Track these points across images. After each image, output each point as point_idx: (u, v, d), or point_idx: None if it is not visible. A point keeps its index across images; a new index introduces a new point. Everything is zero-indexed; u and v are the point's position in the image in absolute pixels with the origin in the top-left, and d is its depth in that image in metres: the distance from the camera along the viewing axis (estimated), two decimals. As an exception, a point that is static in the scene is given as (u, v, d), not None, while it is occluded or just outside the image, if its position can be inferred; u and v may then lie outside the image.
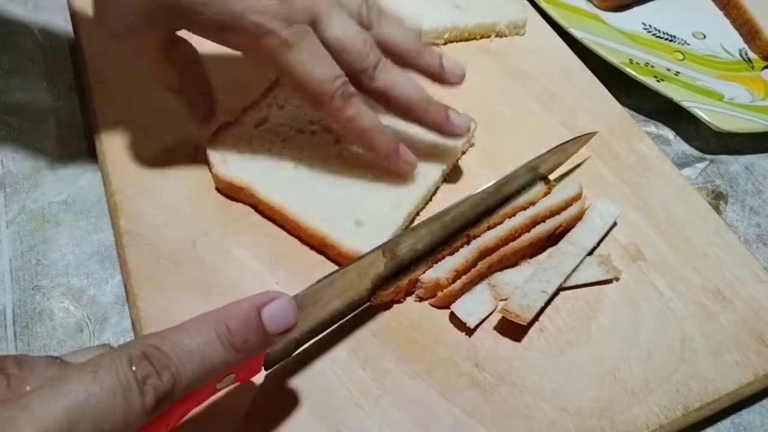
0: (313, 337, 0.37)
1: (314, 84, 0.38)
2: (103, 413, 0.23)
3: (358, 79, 0.39)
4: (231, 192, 0.43)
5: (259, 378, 0.35)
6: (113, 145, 0.45)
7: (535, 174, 0.45)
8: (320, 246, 0.41)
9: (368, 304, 0.39)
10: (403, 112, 0.42)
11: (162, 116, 0.45)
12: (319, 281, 0.33)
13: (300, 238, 0.41)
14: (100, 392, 0.23)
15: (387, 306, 0.39)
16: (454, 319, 0.38)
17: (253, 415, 0.34)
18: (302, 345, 0.36)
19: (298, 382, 0.36)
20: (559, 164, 0.47)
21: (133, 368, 0.24)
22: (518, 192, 0.44)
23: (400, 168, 0.42)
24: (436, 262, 0.40)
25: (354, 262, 0.35)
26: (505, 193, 0.43)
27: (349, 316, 0.38)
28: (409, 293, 0.40)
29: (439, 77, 0.43)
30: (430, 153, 0.45)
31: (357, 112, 0.39)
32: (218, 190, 0.43)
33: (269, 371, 0.35)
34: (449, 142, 0.45)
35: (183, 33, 0.39)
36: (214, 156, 0.43)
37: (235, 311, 0.28)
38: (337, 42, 0.38)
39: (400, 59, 0.41)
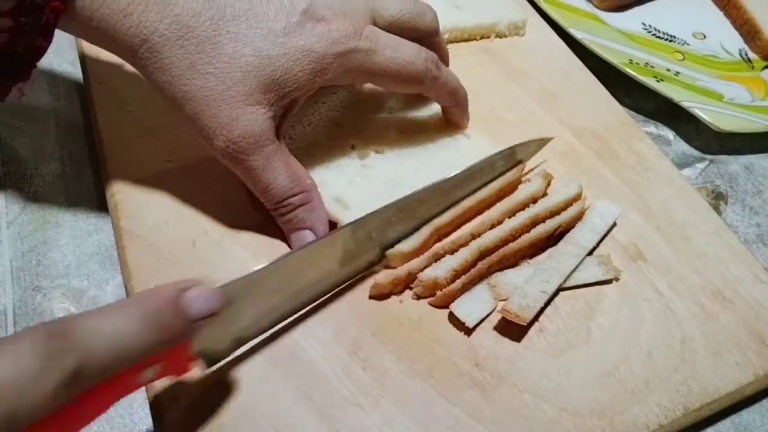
0: (257, 335, 0.36)
1: (407, 70, 0.40)
2: (10, 393, 0.23)
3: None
4: None
5: (258, 378, 0.35)
6: (113, 145, 0.45)
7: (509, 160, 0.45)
8: None
9: (366, 291, 0.39)
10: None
11: (162, 116, 0.45)
12: (249, 274, 0.33)
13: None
14: (5, 372, 0.23)
15: (384, 298, 0.39)
16: (453, 318, 0.39)
17: (253, 414, 0.34)
18: (244, 343, 0.35)
19: (298, 382, 0.36)
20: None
21: (40, 345, 0.24)
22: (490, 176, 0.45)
23: (464, 124, 0.47)
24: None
25: (294, 253, 0.35)
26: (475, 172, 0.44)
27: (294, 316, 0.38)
28: (407, 287, 0.40)
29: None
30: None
31: (446, 74, 0.43)
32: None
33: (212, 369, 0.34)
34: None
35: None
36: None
37: (157, 293, 0.28)
38: (398, 18, 0.41)
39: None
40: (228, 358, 0.35)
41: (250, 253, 0.40)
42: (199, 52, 0.35)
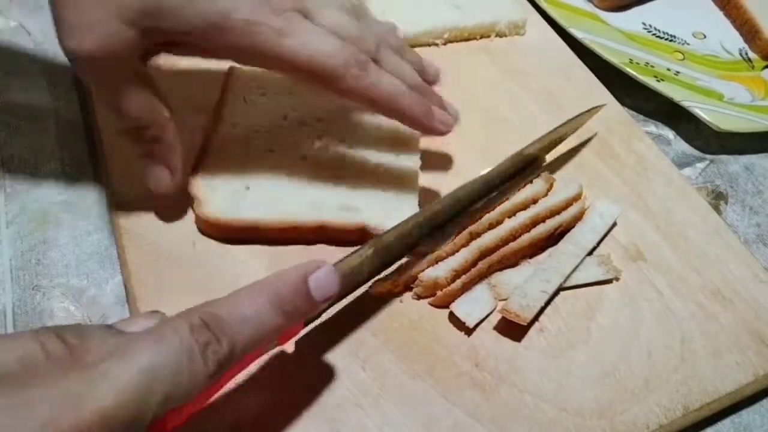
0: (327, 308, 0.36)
1: (322, 61, 0.35)
2: (171, 378, 0.24)
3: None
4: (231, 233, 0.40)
5: (258, 378, 0.35)
6: (113, 144, 0.45)
7: (528, 161, 0.45)
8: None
9: (366, 290, 0.39)
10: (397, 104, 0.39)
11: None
12: (349, 255, 0.34)
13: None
14: (168, 358, 0.24)
15: (386, 297, 0.39)
16: (453, 318, 0.38)
17: (252, 414, 0.34)
18: (332, 305, 0.36)
19: (298, 382, 0.36)
20: (553, 145, 0.46)
21: (195, 335, 0.25)
22: (511, 179, 0.45)
23: (435, 129, 0.39)
24: (431, 252, 0.40)
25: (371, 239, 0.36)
26: (497, 179, 0.43)
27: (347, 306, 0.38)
28: (407, 288, 0.40)
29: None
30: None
31: (377, 78, 0.37)
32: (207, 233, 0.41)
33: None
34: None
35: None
36: (204, 196, 0.40)
37: (286, 279, 0.29)
38: (336, 26, 0.37)
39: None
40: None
41: (250, 253, 0.40)
42: None
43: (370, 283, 0.39)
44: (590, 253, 0.42)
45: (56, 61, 0.54)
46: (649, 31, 0.64)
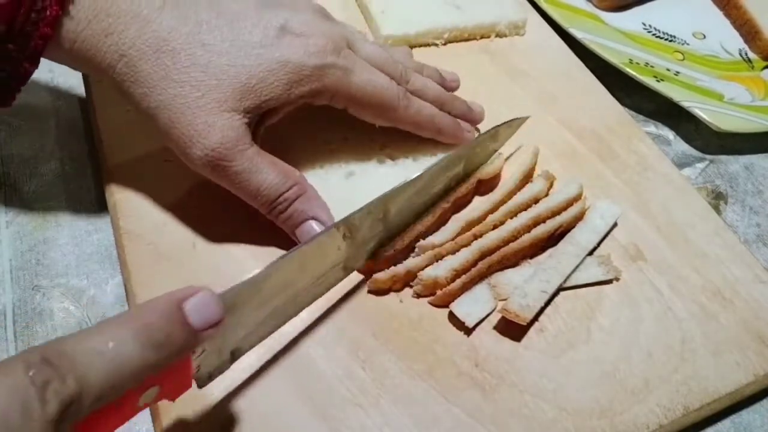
0: (255, 344, 0.34)
1: (382, 94, 0.41)
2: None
3: None
4: None
5: (258, 378, 0.35)
6: (113, 145, 0.45)
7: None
8: None
9: (365, 289, 0.39)
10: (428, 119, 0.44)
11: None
12: (247, 279, 0.31)
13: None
14: None
15: (385, 294, 0.39)
16: (453, 318, 0.38)
17: (252, 415, 0.34)
18: (239, 356, 0.33)
19: (298, 382, 0.36)
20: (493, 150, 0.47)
21: (31, 374, 0.22)
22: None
23: (465, 139, 0.46)
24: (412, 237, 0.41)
25: (288, 254, 0.33)
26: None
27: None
28: (407, 285, 0.40)
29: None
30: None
31: (420, 104, 0.43)
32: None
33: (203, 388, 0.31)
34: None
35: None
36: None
37: (153, 306, 0.26)
38: (374, 55, 0.42)
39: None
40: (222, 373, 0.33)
41: (249, 253, 0.40)
42: (174, 63, 0.36)
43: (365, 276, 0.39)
44: (590, 253, 0.42)
45: (56, 63, 0.54)
46: (649, 31, 0.64)
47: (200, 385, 0.31)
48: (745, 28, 0.65)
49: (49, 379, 0.22)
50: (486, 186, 0.46)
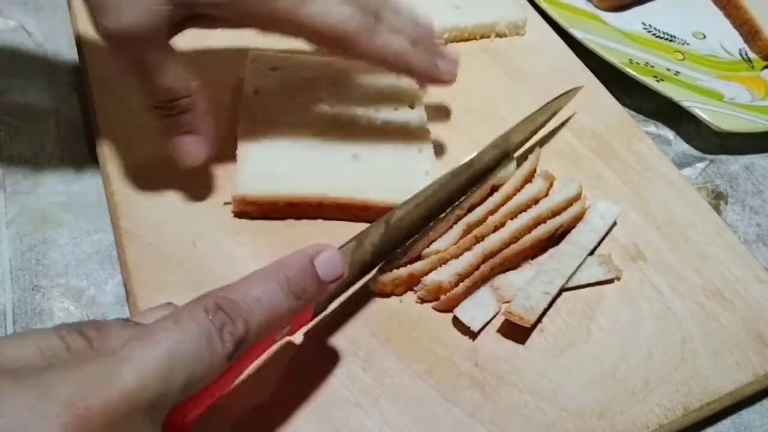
0: (335, 298, 0.37)
1: (339, 27, 0.38)
2: (192, 359, 0.25)
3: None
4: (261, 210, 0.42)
5: (257, 378, 0.35)
6: (113, 145, 0.45)
7: (506, 149, 0.46)
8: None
9: (367, 290, 0.39)
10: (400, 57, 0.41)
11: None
12: (352, 239, 0.35)
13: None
14: (187, 340, 0.25)
15: (387, 296, 0.39)
16: (457, 322, 0.38)
17: (252, 414, 0.34)
18: (344, 291, 0.38)
19: (298, 382, 0.36)
20: (528, 137, 0.47)
21: (211, 317, 0.26)
22: (489, 171, 0.45)
23: (441, 79, 0.43)
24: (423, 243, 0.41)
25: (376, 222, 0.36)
26: (475, 170, 0.44)
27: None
28: (410, 290, 0.40)
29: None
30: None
31: (387, 38, 0.40)
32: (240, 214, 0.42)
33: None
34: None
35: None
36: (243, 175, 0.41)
37: (292, 262, 0.30)
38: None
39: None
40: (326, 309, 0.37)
41: (249, 253, 0.40)
42: None
43: (371, 275, 0.39)
44: (591, 253, 0.42)
45: (56, 61, 0.54)
46: (649, 31, 0.64)
47: (314, 317, 0.35)
48: (745, 28, 0.65)
49: (225, 322, 0.27)
50: (493, 190, 0.46)
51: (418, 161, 0.44)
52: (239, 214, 0.42)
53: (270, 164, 0.42)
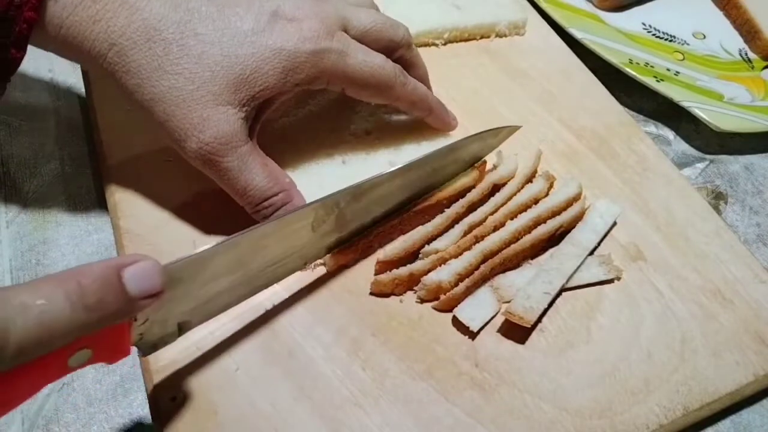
0: (202, 321, 0.34)
1: (379, 73, 0.40)
2: None
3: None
4: None
5: (258, 378, 0.35)
6: (113, 145, 0.45)
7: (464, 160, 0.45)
8: None
9: (366, 290, 0.39)
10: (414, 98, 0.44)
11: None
12: (197, 253, 0.31)
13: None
14: None
15: (386, 296, 0.39)
16: (456, 322, 0.38)
17: (252, 414, 0.34)
18: (187, 329, 0.33)
19: (298, 382, 0.36)
20: (481, 155, 0.46)
21: None
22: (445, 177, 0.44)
23: (450, 125, 0.47)
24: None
25: (241, 234, 0.33)
26: (429, 174, 0.43)
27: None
28: (409, 289, 0.40)
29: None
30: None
31: (415, 83, 0.44)
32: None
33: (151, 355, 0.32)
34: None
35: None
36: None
37: (90, 269, 0.26)
38: (372, 28, 0.41)
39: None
40: (168, 345, 0.32)
41: (250, 252, 0.40)
42: (167, 54, 0.35)
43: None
44: (591, 253, 0.42)
45: (56, 61, 0.54)
46: (649, 31, 0.64)
47: (144, 354, 0.31)
48: (745, 28, 0.65)
49: None
50: (494, 189, 0.46)
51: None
52: None
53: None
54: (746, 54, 0.64)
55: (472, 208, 0.43)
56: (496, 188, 0.45)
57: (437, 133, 0.47)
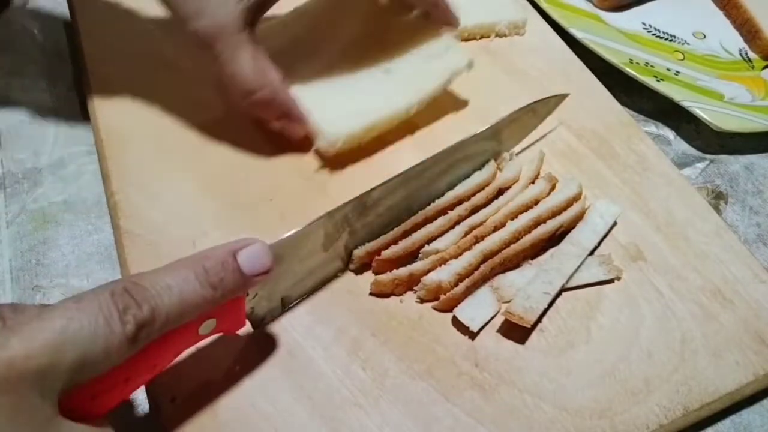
0: (301, 296, 0.38)
1: None
2: (85, 338, 0.25)
3: None
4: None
5: (258, 378, 0.35)
6: (113, 144, 0.45)
7: (494, 147, 0.46)
8: None
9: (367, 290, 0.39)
10: None
11: (163, 116, 0.45)
12: (293, 233, 0.35)
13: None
14: (83, 319, 0.26)
15: (386, 296, 0.39)
16: (456, 322, 0.38)
17: (252, 414, 0.34)
18: (289, 304, 0.38)
19: (298, 382, 0.36)
20: (520, 138, 0.47)
21: (114, 299, 0.27)
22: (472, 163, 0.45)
23: (453, 21, 0.48)
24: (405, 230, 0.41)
25: (324, 216, 0.37)
26: (457, 158, 0.44)
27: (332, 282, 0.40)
28: (409, 289, 0.40)
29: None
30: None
31: None
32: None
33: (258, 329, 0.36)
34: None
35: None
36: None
37: (211, 253, 0.30)
38: None
39: None
40: (275, 320, 0.37)
41: (250, 252, 0.40)
42: None
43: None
44: (591, 253, 0.42)
45: (56, 61, 0.54)
46: (649, 31, 0.64)
47: (254, 326, 0.36)
48: (745, 27, 0.65)
49: (128, 305, 0.27)
50: (499, 192, 0.46)
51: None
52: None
53: (339, 104, 0.44)
54: (746, 54, 0.64)
55: (475, 211, 0.43)
56: (500, 192, 0.45)
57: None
